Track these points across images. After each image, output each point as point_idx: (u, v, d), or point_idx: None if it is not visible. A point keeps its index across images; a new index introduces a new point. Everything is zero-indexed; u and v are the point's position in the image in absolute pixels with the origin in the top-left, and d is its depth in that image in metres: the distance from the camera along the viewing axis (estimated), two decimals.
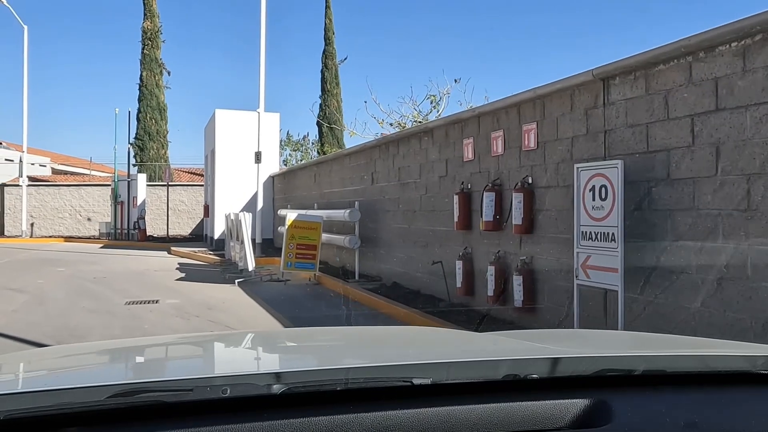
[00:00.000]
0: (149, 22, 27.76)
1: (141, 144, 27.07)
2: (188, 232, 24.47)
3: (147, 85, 27.34)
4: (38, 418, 0.92)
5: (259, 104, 14.22)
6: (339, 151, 11.18)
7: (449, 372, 1.12)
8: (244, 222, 10.09)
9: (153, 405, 0.97)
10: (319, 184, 12.74)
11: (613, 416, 1.04)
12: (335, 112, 29.68)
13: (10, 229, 23.74)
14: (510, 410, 1.03)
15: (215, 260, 13.60)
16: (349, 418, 0.97)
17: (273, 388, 0.99)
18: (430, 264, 7.33)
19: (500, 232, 5.94)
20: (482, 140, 6.40)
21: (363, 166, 10.04)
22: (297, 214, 9.95)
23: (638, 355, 1.34)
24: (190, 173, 30.51)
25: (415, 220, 8.01)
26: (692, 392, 1.15)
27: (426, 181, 7.70)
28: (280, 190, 16.94)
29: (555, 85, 5.16)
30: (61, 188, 24.68)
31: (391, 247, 8.80)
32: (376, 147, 9.49)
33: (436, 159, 7.43)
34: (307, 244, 9.87)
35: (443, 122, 7.24)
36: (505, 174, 5.96)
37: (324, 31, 29.56)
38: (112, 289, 9.32)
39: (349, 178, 10.77)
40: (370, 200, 9.61)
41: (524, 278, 5.40)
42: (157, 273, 11.62)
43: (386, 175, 9.04)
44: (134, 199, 21.27)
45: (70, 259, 14.83)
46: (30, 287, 9.40)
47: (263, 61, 13.96)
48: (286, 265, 9.76)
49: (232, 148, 16.78)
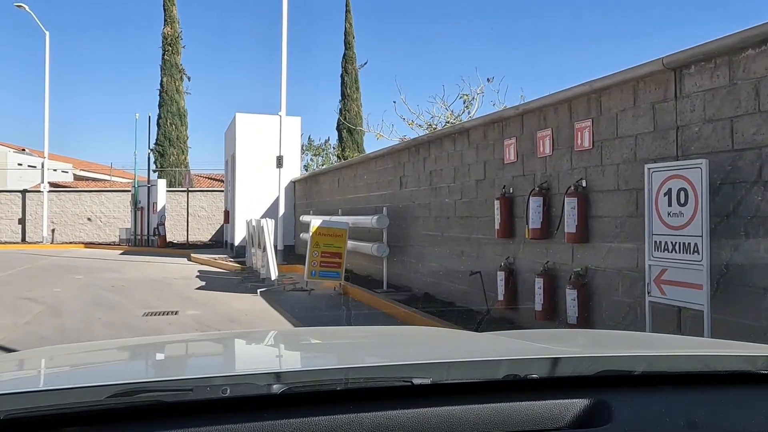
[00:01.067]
0: (169, 28, 27.71)
1: (161, 150, 26.98)
2: (208, 238, 24.21)
3: (167, 91, 27.27)
4: (38, 418, 0.92)
5: (280, 107, 13.84)
6: (364, 155, 10.72)
7: (449, 372, 1.11)
8: (266, 228, 9.67)
9: (153, 405, 0.96)
10: (342, 189, 12.29)
11: (613, 416, 1.03)
12: (355, 117, 29.37)
13: (31, 236, 23.71)
14: (510, 410, 1.02)
15: (236, 268, 13.21)
16: (349, 418, 0.97)
17: (273, 388, 0.99)
18: (468, 274, 6.81)
19: (549, 241, 5.41)
20: (526, 140, 5.88)
21: (390, 170, 9.57)
22: (321, 220, 9.49)
23: (638, 355, 1.32)
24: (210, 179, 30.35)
25: (448, 227, 7.50)
26: (692, 392, 1.14)
27: (461, 186, 7.19)
28: (301, 196, 16.54)
29: (615, 78, 4.63)
30: (81, 194, 24.60)
31: (422, 256, 8.30)
32: (404, 150, 9.01)
33: (472, 161, 6.92)
34: (332, 252, 9.42)
35: (481, 122, 6.73)
36: (554, 177, 5.44)
37: (344, 35, 29.32)
38: (130, 299, 8.96)
39: (375, 182, 10.30)
40: (398, 206, 9.12)
41: (579, 292, 4.86)
42: (177, 281, 11.26)
43: (416, 179, 8.55)
44: (154, 204, 21.05)
45: (89, 266, 14.57)
46: (46, 296, 9.07)
47: (285, 62, 13.59)
48: (310, 273, 9.31)
49: (253, 153, 16.44)
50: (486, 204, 6.59)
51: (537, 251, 5.59)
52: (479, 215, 6.74)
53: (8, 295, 9.26)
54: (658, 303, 3.86)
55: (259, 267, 11.14)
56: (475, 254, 6.81)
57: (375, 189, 10.30)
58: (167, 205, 22.01)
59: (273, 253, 9.53)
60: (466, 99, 11.77)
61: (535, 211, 5.42)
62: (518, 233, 5.94)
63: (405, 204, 8.93)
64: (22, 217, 23.90)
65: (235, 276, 12.04)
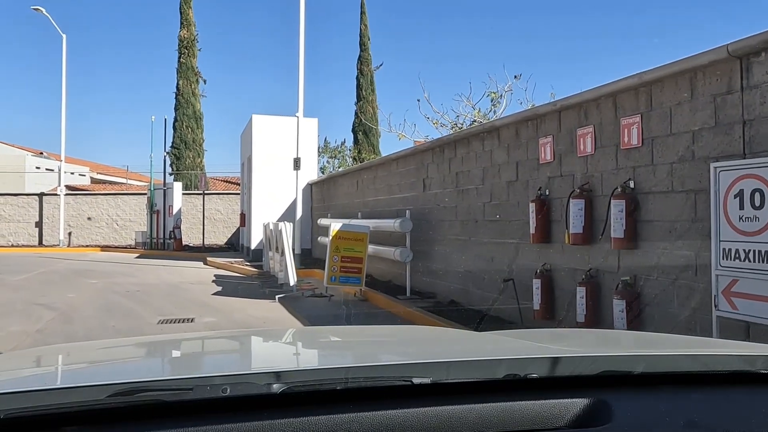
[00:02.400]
0: (185, 31, 27.65)
1: (177, 152, 26.89)
2: (224, 241, 24.03)
3: (183, 94, 27.19)
4: (38, 417, 0.92)
5: (297, 108, 13.55)
6: (385, 156, 10.37)
7: (449, 371, 1.10)
8: (285, 232, 9.36)
9: (153, 404, 0.96)
10: (362, 192, 11.95)
11: (613, 416, 1.02)
12: (371, 119, 29.08)
13: (48, 239, 23.69)
14: (510, 410, 1.01)
15: (253, 272, 12.93)
16: (349, 417, 0.96)
17: (273, 387, 0.98)
18: (499, 281, 6.43)
19: (591, 247, 5.02)
20: (564, 138, 5.49)
21: (413, 172, 9.21)
22: (342, 223, 9.15)
23: (638, 354, 1.31)
24: (226, 182, 30.21)
25: (477, 231, 7.11)
26: (692, 392, 1.13)
27: (491, 187, 6.81)
28: (318, 198, 16.24)
29: (669, 68, 4.23)
30: (98, 197, 24.57)
31: (447, 261, 7.92)
32: (428, 150, 8.64)
33: (503, 162, 6.53)
34: (352, 257, 9.07)
35: (513, 119, 6.35)
36: (597, 177, 5.04)
37: (359, 37, 29.09)
38: (145, 305, 8.68)
39: (396, 184, 9.94)
40: (422, 209, 8.76)
41: (628, 303, 4.46)
42: (193, 286, 10.99)
43: (441, 180, 8.18)
44: (170, 207, 20.89)
45: (104, 269, 14.38)
46: (59, 302, 8.83)
47: (302, 63, 13.30)
48: (329, 279, 8.97)
49: (270, 155, 16.17)
50: (519, 207, 6.20)
51: (578, 258, 5.19)
52: (511, 218, 6.35)
53: (21, 301, 9.04)
54: (729, 318, 3.45)
55: (276, 271, 10.84)
56: (506, 260, 6.42)
57: (396, 191, 9.94)
58: (183, 208, 21.85)
59: (292, 258, 9.21)
60: (494, 97, 11.31)
61: (576, 214, 5.03)
62: (555, 238, 5.55)
63: (429, 207, 8.56)
64: (39, 220, 23.90)
65: (252, 281, 11.75)
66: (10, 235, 23.72)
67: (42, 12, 21.68)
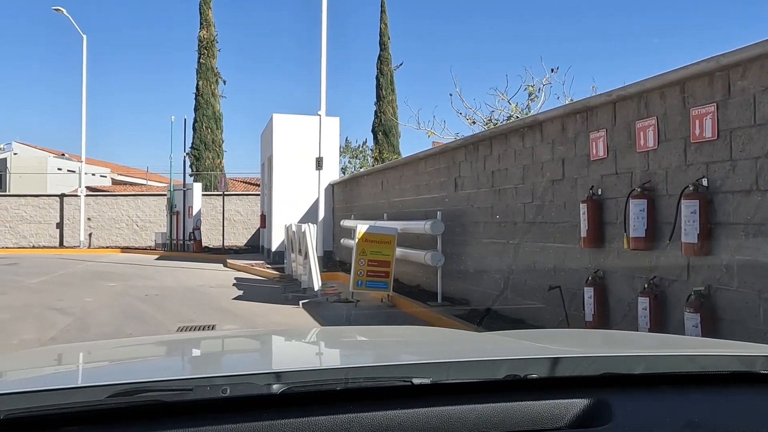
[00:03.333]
0: (205, 32, 27.49)
1: (197, 153, 26.72)
2: (243, 242, 23.76)
3: (203, 95, 27.03)
4: (38, 417, 0.91)
5: (320, 106, 13.14)
6: (412, 155, 9.91)
7: (449, 372, 1.10)
8: (309, 235, 8.94)
9: (153, 404, 0.95)
10: (387, 192, 11.50)
11: (613, 416, 1.02)
12: (391, 119, 28.66)
13: (69, 240, 23.65)
14: (510, 410, 1.01)
15: (274, 275, 12.55)
16: (349, 418, 0.96)
17: (273, 387, 0.98)
18: (542, 289, 5.92)
19: (654, 252, 4.50)
20: (620, 132, 4.98)
21: (443, 171, 8.73)
22: (368, 225, 8.71)
23: (638, 355, 1.29)
24: (245, 183, 30.00)
25: (515, 234, 6.61)
26: (692, 392, 1.13)
27: (532, 187, 6.31)
28: (340, 199, 15.82)
29: (752, 50, 3.70)
30: (118, 198, 24.48)
31: (482, 266, 7.43)
32: (460, 148, 8.15)
33: (547, 159, 6.03)
34: (379, 260, 8.62)
35: (559, 113, 5.84)
36: (660, 175, 4.52)
37: (379, 36, 28.73)
38: (164, 311, 8.33)
39: (425, 184, 9.47)
40: (453, 210, 8.27)
41: (703, 317, 3.93)
42: (213, 290, 10.63)
43: (474, 180, 7.69)
44: (190, 208, 20.66)
45: (124, 272, 14.13)
46: (76, 307, 8.52)
47: (324, 59, 12.89)
48: (356, 284, 8.53)
49: (291, 155, 15.80)
50: (565, 208, 5.70)
51: (638, 264, 4.67)
52: (556, 221, 5.84)
53: (37, 305, 8.75)
54: None
55: (299, 275, 10.43)
56: (550, 265, 5.92)
57: (425, 191, 9.47)
58: (202, 209, 21.62)
59: (316, 262, 8.78)
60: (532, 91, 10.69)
61: (636, 216, 4.51)
62: (610, 242, 5.03)
63: (461, 208, 8.07)
64: (60, 221, 23.87)
65: (274, 284, 11.36)
66: (32, 236, 23.72)
67: (63, 12, 21.63)
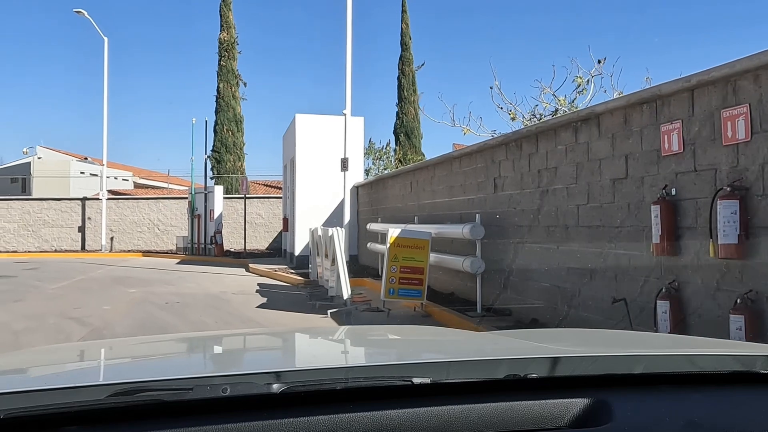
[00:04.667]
0: (225, 34, 27.28)
1: (218, 156, 26.47)
2: (265, 246, 23.38)
3: (224, 97, 26.80)
4: (38, 417, 0.91)
5: (345, 105, 12.63)
6: (445, 154, 9.34)
7: (449, 371, 1.11)
8: (337, 239, 8.41)
9: (153, 404, 0.95)
10: (417, 194, 10.93)
11: (613, 416, 1.02)
12: (413, 120, 28.12)
13: (90, 243, 23.49)
14: (510, 410, 1.01)
15: (298, 281, 12.05)
16: (349, 417, 0.96)
17: (273, 387, 0.98)
18: (600, 299, 5.30)
19: (749, 262, 3.86)
20: (700, 123, 4.34)
21: (480, 170, 8.13)
22: (401, 229, 8.15)
23: (638, 354, 1.30)
24: (266, 185, 29.69)
25: (567, 239, 6.00)
26: (692, 392, 1.13)
27: (587, 187, 5.69)
28: (365, 202, 15.29)
29: None
30: (139, 201, 24.28)
31: (527, 274, 6.82)
32: (500, 146, 7.56)
33: (606, 155, 5.41)
34: (412, 267, 8.06)
35: (622, 103, 5.21)
36: (753, 172, 3.88)
37: (400, 36, 28.29)
38: (185, 320, 7.86)
39: (459, 185, 8.88)
40: (492, 212, 7.68)
41: None
42: (236, 297, 10.16)
43: (517, 180, 7.08)
44: (211, 212, 20.33)
45: (144, 277, 13.77)
46: (93, 316, 8.10)
47: (350, 54, 12.38)
48: (387, 292, 7.97)
49: (314, 156, 15.33)
50: (629, 210, 5.07)
51: (727, 276, 4.04)
52: (619, 224, 5.22)
53: (54, 313, 8.35)
54: None
55: (324, 281, 9.91)
56: (611, 274, 5.29)
57: (459, 193, 8.88)
58: (224, 212, 21.28)
59: (345, 269, 8.25)
60: (580, 82, 9.96)
61: (727, 220, 3.88)
62: (687, 249, 4.40)
63: (501, 210, 7.47)
64: (82, 225, 23.74)
65: (299, 291, 10.86)
66: (54, 240, 23.63)
67: (84, 15, 21.49)
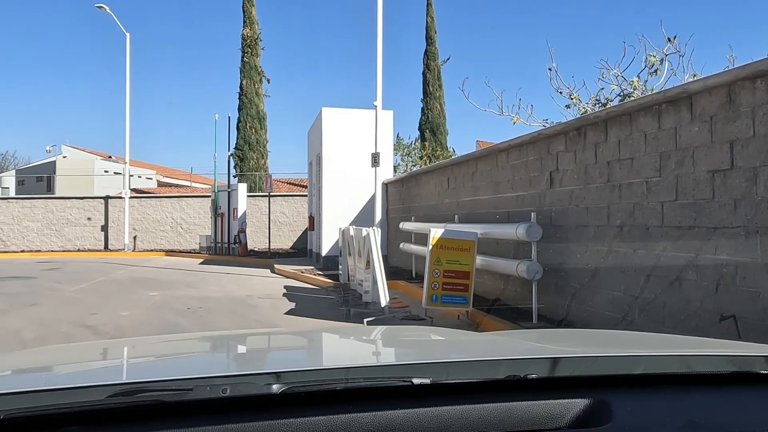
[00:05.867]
0: (249, 30, 26.77)
1: (241, 154, 25.96)
2: (289, 245, 22.80)
3: (247, 94, 26.28)
4: (38, 417, 0.91)
5: (376, 96, 11.87)
6: (489, 147, 8.52)
7: (449, 372, 1.11)
8: (373, 240, 7.65)
9: (153, 404, 0.95)
10: (455, 191, 10.13)
11: (613, 416, 1.02)
12: (438, 116, 27.31)
13: (113, 243, 23.16)
14: (510, 410, 1.01)
15: (327, 284, 11.34)
16: (349, 417, 0.96)
17: (273, 387, 0.98)
18: (700, 315, 4.46)
19: None
20: None
21: (533, 164, 7.31)
22: (444, 229, 7.37)
23: (638, 355, 1.29)
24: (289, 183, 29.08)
25: (647, 242, 5.15)
26: (692, 392, 1.13)
27: (675, 181, 4.84)
28: (396, 200, 14.52)
29: None
30: (162, 200, 23.87)
31: (593, 280, 5.99)
32: (558, 135, 6.72)
33: (701, 143, 4.56)
34: (456, 271, 7.28)
35: (725, 79, 4.34)
36: None
37: (425, 30, 27.55)
38: (208, 329, 7.19)
39: (506, 180, 8.07)
40: (547, 210, 6.86)
41: None
42: (262, 301, 9.48)
43: (580, 173, 6.25)
44: (234, 210, 19.76)
45: (166, 278, 13.21)
46: (109, 324, 7.48)
47: (380, 38, 11.63)
48: (429, 299, 7.20)
49: (342, 152, 14.61)
50: (735, 208, 4.22)
51: None
52: (720, 225, 4.37)
53: (68, 320, 7.77)
54: None
55: (356, 285, 9.17)
56: (711, 285, 4.44)
57: (506, 189, 8.06)
58: (247, 211, 20.71)
59: (383, 273, 7.49)
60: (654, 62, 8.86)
61: None
62: None
63: (559, 208, 6.64)
64: (105, 224, 23.41)
65: (329, 295, 10.14)
66: (77, 239, 23.35)
67: (105, 10, 21.09)
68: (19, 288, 11.54)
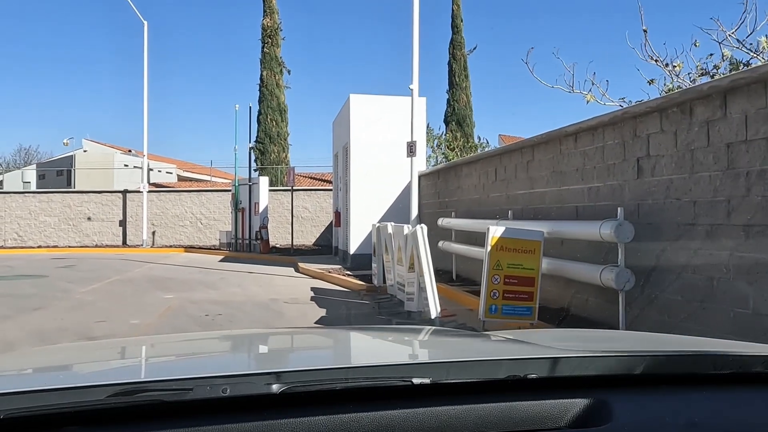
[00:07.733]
0: (269, 19, 25.80)
1: (261, 147, 25.04)
2: (312, 242, 21.83)
3: (267, 85, 25.34)
4: (38, 417, 0.91)
5: (412, 79, 10.78)
6: (552, 131, 7.34)
7: (449, 372, 1.10)
8: (421, 240, 6.53)
9: (153, 404, 0.95)
10: (505, 183, 8.97)
11: (613, 416, 1.02)
12: (465, 107, 26.11)
13: (132, 238, 22.42)
14: (510, 410, 1.01)
15: (359, 286, 10.27)
16: (349, 417, 0.96)
17: (273, 387, 0.98)
18: None
19: None
20: None
21: (612, 149, 6.13)
22: (504, 228, 6.24)
23: (639, 355, 1.27)
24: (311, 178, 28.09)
25: None
26: (692, 392, 1.12)
27: None
28: (430, 194, 13.39)
29: None
30: (181, 194, 23.05)
31: (706, 293, 4.81)
32: (651, 113, 5.54)
33: None
34: (519, 277, 6.16)
35: None
36: None
37: (451, 18, 26.33)
38: None
39: (575, 170, 6.90)
40: (633, 205, 5.69)
41: None
42: (289, 307, 8.46)
43: (682, 159, 5.07)
44: (256, 205, 18.82)
45: (184, 277, 12.27)
46: (115, 335, 6.48)
47: (416, 17, 10.50)
48: (488, 309, 6.09)
49: (371, 141, 13.52)
50: None
51: None
52: None
53: (72, 329, 6.82)
54: None
55: (397, 290, 8.09)
56: None
57: (574, 180, 6.90)
58: (269, 205, 19.76)
59: (433, 279, 6.37)
60: None
61: None
62: None
63: (651, 202, 5.47)
64: (123, 218, 22.67)
65: (362, 300, 9.06)
66: (95, 235, 22.65)
67: None
68: (27, 288, 10.70)
